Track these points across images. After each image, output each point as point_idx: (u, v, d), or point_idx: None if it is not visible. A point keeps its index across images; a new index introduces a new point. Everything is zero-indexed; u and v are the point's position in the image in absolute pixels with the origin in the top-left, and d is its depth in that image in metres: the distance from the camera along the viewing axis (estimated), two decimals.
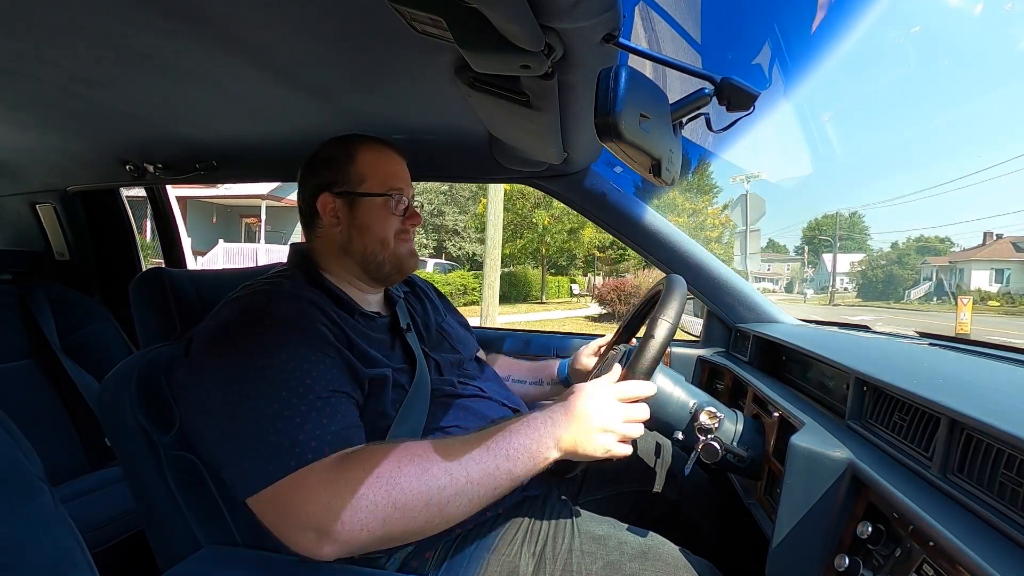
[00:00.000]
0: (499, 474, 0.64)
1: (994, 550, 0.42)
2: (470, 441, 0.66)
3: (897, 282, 38.28)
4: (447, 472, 0.62)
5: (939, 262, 37.50)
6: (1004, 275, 32.19)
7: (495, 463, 0.64)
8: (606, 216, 1.32)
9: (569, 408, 0.69)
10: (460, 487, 0.62)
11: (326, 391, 0.64)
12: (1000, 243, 34.14)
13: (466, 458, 0.63)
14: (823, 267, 47.49)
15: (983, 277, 32.53)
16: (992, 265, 32.49)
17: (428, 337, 0.93)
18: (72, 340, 1.50)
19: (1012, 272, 31.91)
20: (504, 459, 0.64)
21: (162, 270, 0.86)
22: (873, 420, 0.68)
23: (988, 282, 32.30)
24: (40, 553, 0.41)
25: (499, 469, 0.64)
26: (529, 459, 0.66)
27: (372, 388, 0.73)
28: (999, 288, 31.58)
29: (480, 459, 0.64)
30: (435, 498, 0.60)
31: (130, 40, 0.70)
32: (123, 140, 1.25)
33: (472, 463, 0.63)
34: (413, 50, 0.70)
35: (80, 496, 1.23)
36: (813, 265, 51.97)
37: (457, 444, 0.65)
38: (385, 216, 0.84)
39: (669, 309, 0.75)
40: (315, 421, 0.62)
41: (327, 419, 0.62)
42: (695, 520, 0.98)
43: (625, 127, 0.53)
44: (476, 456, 0.64)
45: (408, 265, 0.88)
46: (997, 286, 31.93)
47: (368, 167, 0.84)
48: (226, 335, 0.68)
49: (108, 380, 0.72)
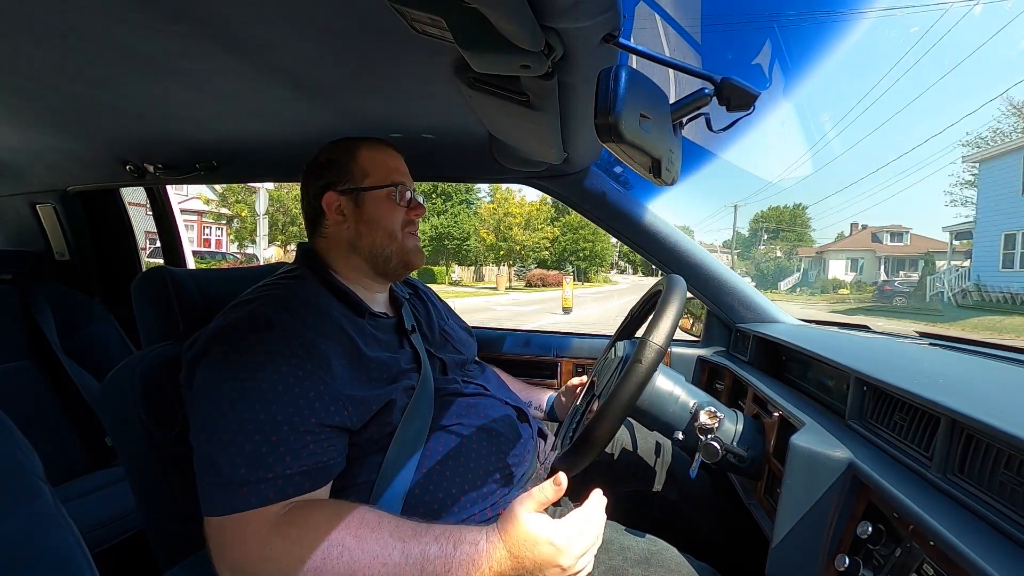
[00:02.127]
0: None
1: (994, 550, 0.42)
2: (404, 538, 0.60)
3: (784, 273, 38.62)
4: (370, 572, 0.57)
5: (807, 253, 38.11)
6: (859, 264, 32.43)
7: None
8: (606, 216, 1.32)
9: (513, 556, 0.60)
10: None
11: (305, 423, 0.63)
12: (861, 234, 34.33)
13: (395, 562, 0.58)
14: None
15: (839, 267, 32.81)
16: (849, 255, 32.77)
17: (432, 338, 0.94)
18: (72, 340, 1.50)
19: (864, 262, 32.07)
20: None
21: (165, 268, 0.85)
22: (873, 420, 0.68)
23: (844, 271, 32.47)
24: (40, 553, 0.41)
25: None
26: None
27: (375, 408, 0.72)
28: (854, 277, 31.67)
29: (410, 569, 0.58)
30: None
31: (130, 40, 0.70)
32: (123, 140, 1.25)
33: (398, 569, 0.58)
34: (413, 50, 0.70)
35: (80, 496, 1.23)
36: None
37: (386, 537, 0.59)
38: (391, 208, 0.85)
39: (614, 404, 0.70)
40: (279, 458, 0.60)
41: (291, 456, 0.61)
42: (695, 520, 0.99)
43: (625, 127, 0.53)
44: (408, 560, 0.58)
45: (414, 260, 0.88)
46: (852, 275, 32.03)
47: (370, 162, 0.85)
48: (227, 344, 0.67)
49: (111, 378, 0.72)
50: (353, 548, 0.58)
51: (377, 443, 0.72)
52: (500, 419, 0.85)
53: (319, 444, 0.64)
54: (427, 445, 0.76)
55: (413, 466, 0.73)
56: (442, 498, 0.73)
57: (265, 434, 0.61)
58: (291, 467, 0.61)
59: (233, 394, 0.62)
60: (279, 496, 0.60)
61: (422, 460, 0.75)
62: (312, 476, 0.63)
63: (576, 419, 0.95)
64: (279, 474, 0.60)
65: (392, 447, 0.72)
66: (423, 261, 0.91)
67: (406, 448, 0.73)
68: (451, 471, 0.76)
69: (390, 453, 0.72)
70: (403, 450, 0.73)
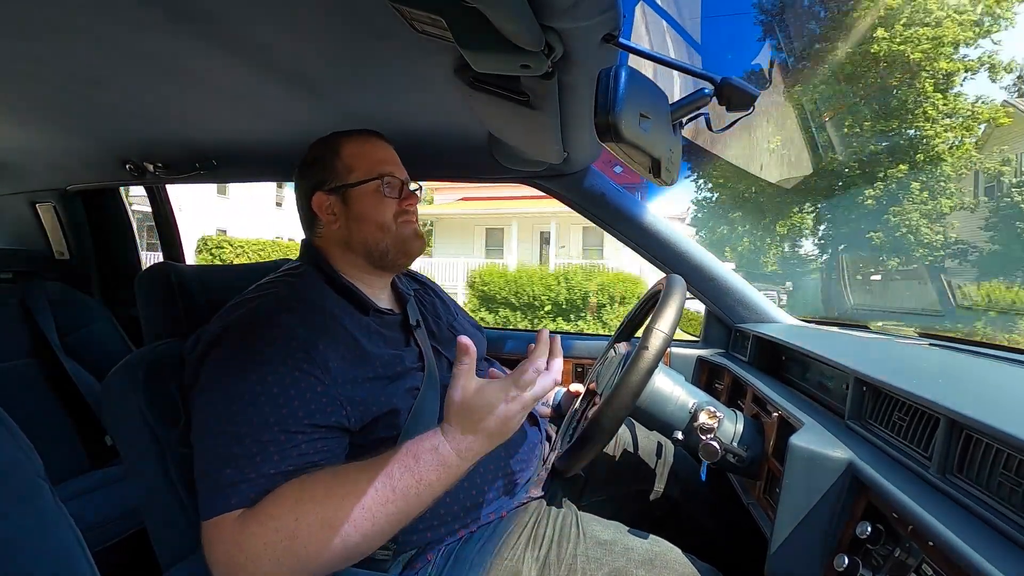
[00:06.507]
0: (408, 496, 0.60)
1: (993, 550, 0.42)
2: (367, 469, 0.61)
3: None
4: (348, 514, 0.58)
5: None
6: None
7: (398, 487, 0.60)
8: (606, 216, 1.32)
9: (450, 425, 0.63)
10: (363, 525, 0.58)
11: (297, 424, 0.62)
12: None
13: (367, 494, 0.59)
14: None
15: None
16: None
17: (439, 334, 0.92)
18: (72, 340, 1.50)
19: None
20: (409, 480, 0.60)
21: (168, 264, 0.85)
22: (872, 420, 0.68)
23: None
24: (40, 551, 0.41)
25: (405, 491, 0.60)
26: (431, 480, 0.61)
27: (376, 411, 0.71)
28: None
29: (383, 492, 0.59)
30: (340, 546, 0.58)
31: (130, 40, 0.70)
32: (123, 140, 1.25)
33: (374, 499, 0.59)
34: (413, 50, 0.70)
35: (80, 495, 1.23)
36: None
37: (352, 476, 0.60)
38: (379, 201, 0.83)
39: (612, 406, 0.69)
40: (266, 458, 0.60)
41: (279, 456, 0.60)
42: (696, 520, 0.99)
43: (625, 127, 0.53)
44: (377, 489, 0.59)
45: (413, 247, 0.86)
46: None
47: (353, 158, 0.83)
48: (226, 346, 0.67)
49: (113, 375, 0.72)
50: (324, 501, 0.58)
51: (384, 445, 0.71)
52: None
53: (311, 444, 0.63)
54: None
55: None
56: (449, 502, 0.73)
57: (254, 436, 0.60)
58: (276, 467, 0.60)
59: (228, 398, 0.62)
60: (260, 494, 0.59)
61: None
62: (296, 474, 0.61)
63: (575, 420, 0.95)
64: (263, 473, 0.59)
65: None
66: (424, 247, 0.89)
67: None
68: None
69: None
70: None
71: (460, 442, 0.62)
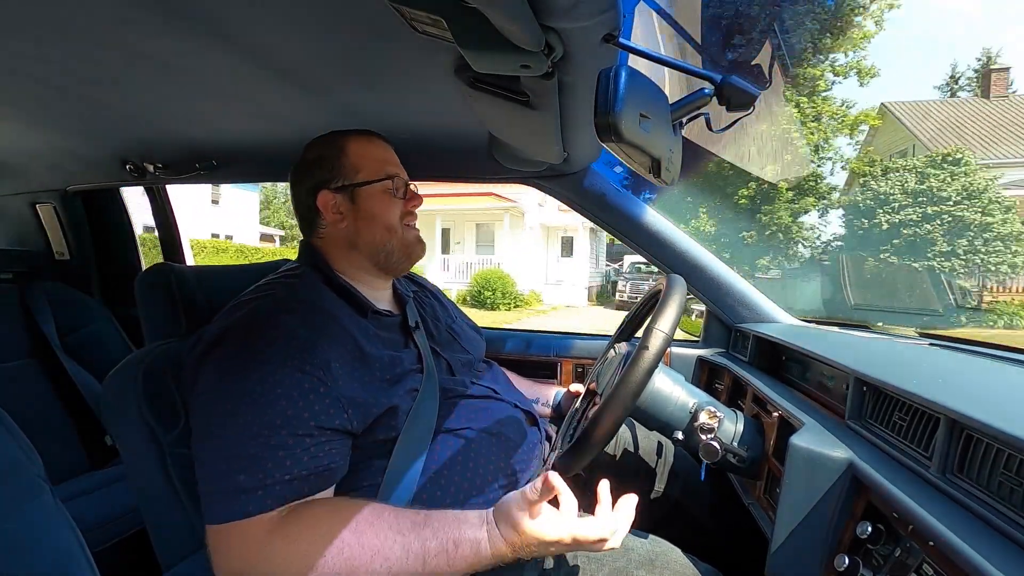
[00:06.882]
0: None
1: (994, 550, 0.42)
2: (405, 533, 0.60)
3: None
4: (372, 567, 0.58)
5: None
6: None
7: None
8: (606, 216, 1.32)
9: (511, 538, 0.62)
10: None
11: (304, 426, 0.62)
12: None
13: (397, 557, 0.59)
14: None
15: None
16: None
17: (439, 336, 0.92)
18: (72, 340, 1.50)
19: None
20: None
21: (169, 265, 0.85)
22: (873, 420, 0.68)
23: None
24: (41, 551, 0.41)
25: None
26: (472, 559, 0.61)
27: (376, 412, 0.71)
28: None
29: (412, 563, 0.59)
30: None
31: (130, 40, 0.70)
32: (123, 140, 1.25)
33: (401, 565, 0.59)
34: (413, 50, 0.70)
35: (80, 495, 1.23)
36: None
37: (390, 535, 0.60)
38: (388, 201, 0.84)
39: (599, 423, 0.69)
40: (278, 463, 0.60)
41: (291, 460, 0.60)
42: (696, 520, 0.99)
43: (625, 127, 0.53)
44: (409, 557, 0.59)
45: (416, 252, 0.87)
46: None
47: (360, 157, 0.83)
48: (226, 348, 0.67)
49: (113, 375, 0.72)
50: (352, 544, 0.58)
51: (382, 447, 0.71)
52: (508, 423, 0.84)
53: (320, 447, 0.63)
54: (433, 448, 0.75)
55: (418, 470, 0.72)
56: (449, 504, 0.73)
57: (263, 439, 0.60)
58: (290, 472, 0.60)
59: (230, 400, 0.62)
60: (278, 502, 0.59)
61: (427, 464, 0.73)
62: (312, 480, 0.62)
63: (576, 420, 0.95)
64: (278, 479, 0.59)
65: (397, 451, 0.71)
66: (425, 251, 0.90)
67: (411, 452, 0.72)
68: (457, 475, 0.75)
69: (395, 457, 0.71)
70: (408, 454, 0.72)
71: (502, 548, 0.61)
